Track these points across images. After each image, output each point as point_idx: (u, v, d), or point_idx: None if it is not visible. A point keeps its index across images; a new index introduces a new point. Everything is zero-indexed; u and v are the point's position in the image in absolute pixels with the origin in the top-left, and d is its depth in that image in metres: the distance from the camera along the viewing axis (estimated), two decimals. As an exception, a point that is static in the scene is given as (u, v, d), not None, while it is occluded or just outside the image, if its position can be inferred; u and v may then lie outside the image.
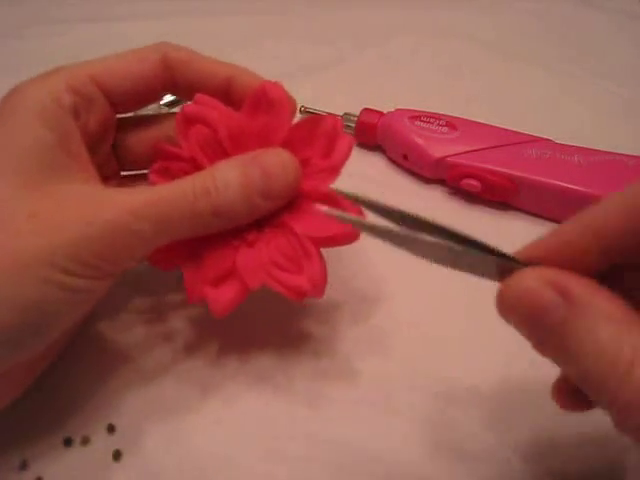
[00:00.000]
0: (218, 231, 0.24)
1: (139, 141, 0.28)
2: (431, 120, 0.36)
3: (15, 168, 0.22)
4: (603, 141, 0.35)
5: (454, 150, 0.34)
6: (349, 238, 0.24)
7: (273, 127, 0.25)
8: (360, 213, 0.23)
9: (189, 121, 0.26)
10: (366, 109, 0.38)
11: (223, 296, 0.24)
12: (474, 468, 0.24)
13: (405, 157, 0.36)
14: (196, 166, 0.25)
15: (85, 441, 0.25)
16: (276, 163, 0.24)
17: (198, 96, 0.26)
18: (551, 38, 0.48)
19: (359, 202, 0.19)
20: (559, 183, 0.32)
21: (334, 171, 0.25)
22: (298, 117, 0.41)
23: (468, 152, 0.34)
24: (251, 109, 0.26)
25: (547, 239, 0.19)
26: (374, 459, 0.25)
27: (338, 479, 0.24)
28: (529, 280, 0.17)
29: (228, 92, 0.26)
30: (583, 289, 0.17)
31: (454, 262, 0.19)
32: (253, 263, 0.24)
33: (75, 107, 0.24)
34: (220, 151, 0.25)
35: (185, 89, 0.27)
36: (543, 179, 0.33)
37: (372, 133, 0.38)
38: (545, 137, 0.35)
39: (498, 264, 0.18)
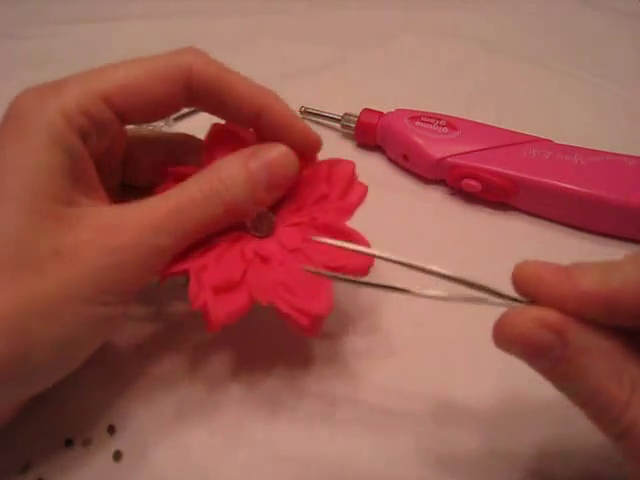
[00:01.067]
0: (224, 229, 0.24)
1: (145, 157, 0.28)
2: (431, 120, 0.36)
3: (30, 194, 0.21)
4: (603, 141, 0.35)
5: (454, 150, 0.34)
6: (356, 270, 0.24)
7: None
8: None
9: (219, 138, 0.26)
10: (366, 109, 0.38)
11: (224, 306, 0.23)
12: (473, 477, 0.24)
13: (405, 157, 0.36)
14: None
15: (86, 442, 0.25)
16: (276, 155, 0.24)
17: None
18: (551, 38, 0.48)
19: (357, 252, 0.21)
20: (559, 183, 0.32)
21: (349, 211, 0.26)
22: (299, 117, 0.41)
23: (468, 152, 0.34)
24: None
25: (558, 282, 0.18)
26: (374, 476, 0.25)
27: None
28: (524, 321, 0.18)
29: (257, 120, 0.25)
30: (578, 327, 0.18)
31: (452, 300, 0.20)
32: (265, 281, 0.24)
33: (86, 130, 0.22)
34: None
35: (210, 108, 0.25)
36: (543, 179, 0.33)
37: (372, 133, 0.38)
38: (545, 137, 0.35)
39: (497, 301, 0.19)
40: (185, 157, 0.27)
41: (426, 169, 0.36)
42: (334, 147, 0.40)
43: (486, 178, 0.33)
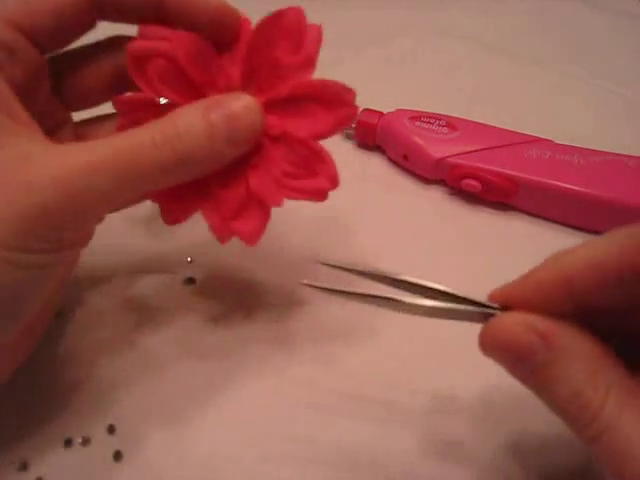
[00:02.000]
0: (184, 180, 0.23)
1: (84, 75, 0.25)
2: (431, 120, 0.36)
3: None
4: (603, 141, 0.35)
5: (454, 150, 0.34)
6: (348, 122, 0.24)
7: (235, 39, 0.23)
8: None
9: (142, 60, 0.23)
10: (366, 109, 0.38)
11: (249, 225, 0.23)
12: (468, 469, 0.24)
13: (405, 157, 0.36)
14: (168, 108, 0.23)
15: (85, 442, 0.25)
16: (239, 107, 0.22)
17: (142, 28, 0.24)
18: (551, 38, 0.48)
19: (347, 271, 0.21)
20: (559, 183, 0.32)
21: (309, 63, 0.23)
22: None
23: (468, 152, 0.34)
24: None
25: (520, 282, 0.20)
26: (371, 461, 0.25)
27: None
28: (510, 325, 0.19)
29: (158, 10, 0.23)
30: (561, 332, 0.18)
31: (435, 315, 0.20)
32: (267, 182, 0.23)
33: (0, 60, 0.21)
34: (186, 82, 0.23)
35: (114, 13, 0.24)
36: (543, 179, 0.33)
37: (372, 133, 0.38)
38: (545, 137, 0.35)
39: (476, 312, 0.20)
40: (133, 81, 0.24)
41: (426, 169, 0.36)
42: (334, 147, 0.40)
43: (486, 178, 0.33)
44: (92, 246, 0.22)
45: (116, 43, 0.25)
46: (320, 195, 0.24)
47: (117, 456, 0.25)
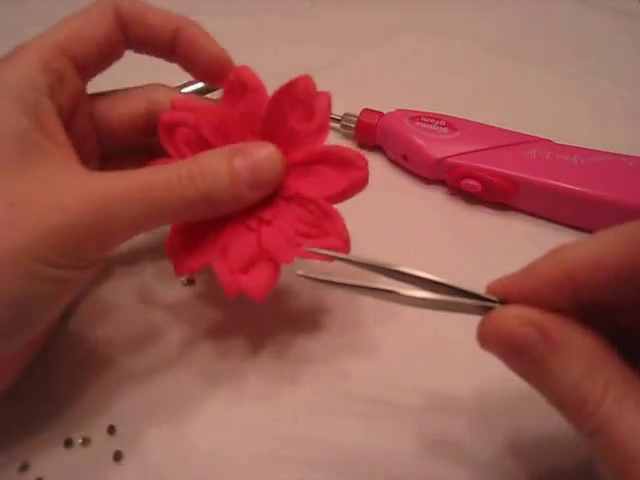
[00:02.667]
0: (208, 217, 0.24)
1: (117, 115, 0.28)
2: (431, 120, 0.36)
3: None
4: (603, 141, 0.35)
5: (454, 151, 0.34)
6: (360, 186, 0.25)
7: (253, 111, 0.26)
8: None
9: (171, 128, 0.26)
10: (366, 109, 0.38)
11: (258, 280, 0.24)
12: (464, 471, 0.24)
13: (405, 158, 0.36)
14: None
15: (86, 442, 0.25)
16: (262, 154, 0.24)
17: (174, 101, 0.26)
18: (551, 38, 0.48)
19: (345, 262, 0.21)
20: (559, 184, 0.32)
21: (322, 130, 0.25)
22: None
23: (468, 153, 0.34)
24: (228, 98, 0.26)
25: (520, 275, 0.20)
26: (371, 462, 0.25)
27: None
28: (510, 318, 0.19)
29: (174, 45, 0.27)
30: (561, 326, 0.18)
31: (434, 307, 0.20)
32: (279, 239, 0.24)
33: (50, 86, 0.23)
34: (207, 148, 0.25)
35: (138, 43, 0.27)
36: (543, 180, 0.33)
37: (372, 133, 0.38)
38: (545, 137, 0.35)
39: (474, 305, 0.20)
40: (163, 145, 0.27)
41: (426, 169, 0.36)
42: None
43: (486, 178, 0.33)
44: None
45: (152, 89, 0.28)
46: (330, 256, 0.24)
47: (117, 456, 0.25)
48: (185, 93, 0.26)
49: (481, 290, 0.20)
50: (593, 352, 0.18)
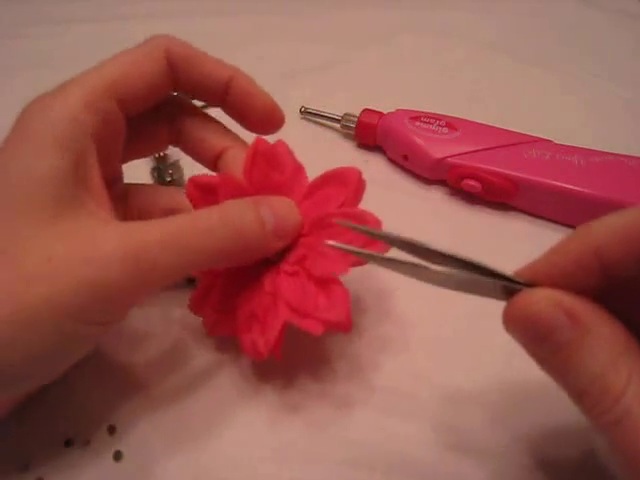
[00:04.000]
0: (234, 265, 0.25)
1: (150, 207, 0.28)
2: (431, 120, 0.36)
3: (31, 201, 0.20)
4: (603, 141, 0.35)
5: (454, 151, 0.34)
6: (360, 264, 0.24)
7: (277, 184, 0.26)
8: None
9: (198, 191, 0.26)
10: (366, 109, 0.38)
11: (263, 343, 0.24)
12: (481, 463, 0.24)
13: (405, 158, 0.36)
14: None
15: (86, 442, 0.25)
16: (283, 205, 0.25)
17: (193, 178, 0.26)
18: (551, 38, 0.48)
19: (368, 234, 0.21)
20: (559, 184, 0.32)
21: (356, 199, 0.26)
22: (298, 117, 0.41)
23: (468, 153, 0.34)
24: (249, 168, 0.26)
25: (547, 256, 0.19)
26: (383, 459, 0.25)
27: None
28: (538, 301, 0.18)
29: (227, 93, 0.26)
30: (588, 312, 0.18)
31: (459, 286, 0.20)
32: (286, 308, 0.24)
33: (94, 126, 0.22)
34: None
35: (187, 87, 0.26)
36: (543, 180, 0.33)
37: (372, 133, 0.38)
38: (545, 137, 0.35)
39: (501, 285, 0.19)
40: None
41: (426, 169, 0.36)
42: (334, 147, 0.40)
43: (486, 178, 0.33)
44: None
45: (175, 104, 0.27)
46: (343, 327, 0.23)
47: (117, 456, 0.25)
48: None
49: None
50: (617, 341, 0.18)
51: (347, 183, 0.25)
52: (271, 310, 0.24)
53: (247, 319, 0.25)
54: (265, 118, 0.26)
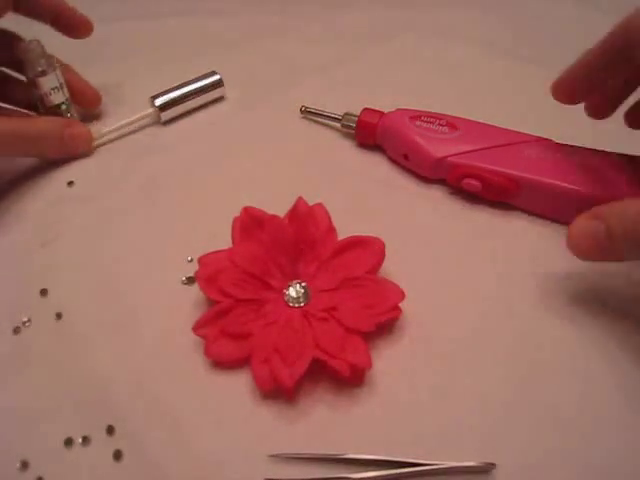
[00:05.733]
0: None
1: None
2: (431, 120, 0.36)
3: None
4: (603, 141, 0.35)
5: (454, 150, 0.34)
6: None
7: (276, 238, 0.29)
8: None
9: (212, 279, 0.28)
10: (366, 109, 0.38)
11: (287, 375, 0.25)
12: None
13: (405, 157, 0.36)
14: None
15: (85, 442, 0.25)
16: (82, 130, 0.37)
17: (200, 259, 0.29)
18: (551, 38, 0.48)
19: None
20: (559, 183, 0.32)
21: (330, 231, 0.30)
22: (299, 117, 0.41)
23: (468, 152, 0.34)
24: (246, 235, 0.30)
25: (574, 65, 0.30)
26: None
27: None
28: (577, 224, 0.26)
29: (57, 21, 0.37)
30: (601, 207, 0.26)
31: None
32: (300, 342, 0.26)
33: None
34: (254, 279, 0.29)
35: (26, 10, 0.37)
36: (543, 179, 0.33)
37: (372, 133, 0.38)
38: (545, 137, 0.35)
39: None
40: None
41: (426, 168, 0.36)
42: (334, 146, 0.40)
43: (486, 177, 0.33)
44: (92, 247, 0.23)
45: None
46: (363, 368, 0.26)
47: (117, 456, 0.25)
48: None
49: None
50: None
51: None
52: (296, 346, 0.26)
53: (263, 350, 0.26)
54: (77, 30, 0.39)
